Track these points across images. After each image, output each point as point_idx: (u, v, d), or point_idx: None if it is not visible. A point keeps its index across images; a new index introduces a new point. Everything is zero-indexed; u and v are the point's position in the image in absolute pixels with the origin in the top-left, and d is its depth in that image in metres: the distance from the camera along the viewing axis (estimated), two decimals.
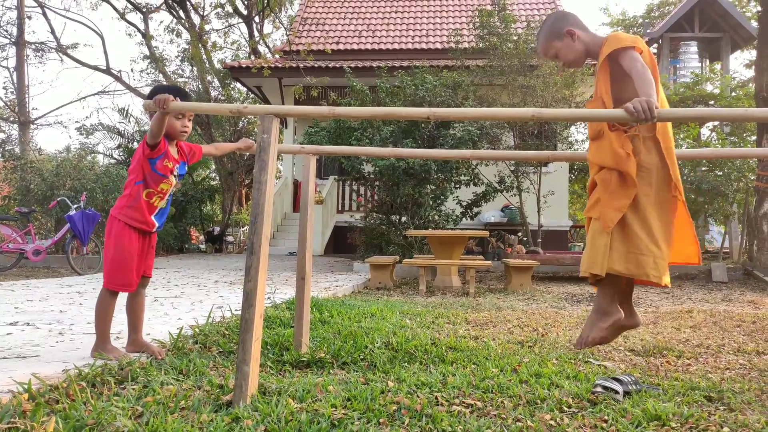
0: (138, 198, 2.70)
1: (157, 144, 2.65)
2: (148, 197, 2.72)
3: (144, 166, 2.69)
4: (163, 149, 2.70)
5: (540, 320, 4.32)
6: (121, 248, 2.67)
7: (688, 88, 13.38)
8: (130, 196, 2.71)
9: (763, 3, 7.89)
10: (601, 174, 2.32)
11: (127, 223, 2.69)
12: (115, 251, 2.67)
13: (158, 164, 2.70)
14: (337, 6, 15.86)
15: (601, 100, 2.32)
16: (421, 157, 3.42)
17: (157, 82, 21.33)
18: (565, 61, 2.49)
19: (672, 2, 20.30)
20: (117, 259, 2.67)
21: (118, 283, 2.68)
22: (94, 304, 4.21)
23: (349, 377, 2.46)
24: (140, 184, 2.70)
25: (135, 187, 2.70)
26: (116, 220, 2.70)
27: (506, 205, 11.65)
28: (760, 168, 7.86)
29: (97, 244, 8.57)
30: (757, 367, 2.86)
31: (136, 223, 2.70)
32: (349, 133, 8.95)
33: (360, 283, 6.87)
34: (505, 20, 10.29)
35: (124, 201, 2.72)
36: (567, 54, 2.46)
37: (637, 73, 2.14)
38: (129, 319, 2.80)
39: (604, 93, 2.31)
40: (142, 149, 2.68)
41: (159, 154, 2.69)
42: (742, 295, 6.39)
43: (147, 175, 2.70)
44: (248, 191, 19.97)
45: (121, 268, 2.67)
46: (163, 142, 2.70)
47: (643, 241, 2.20)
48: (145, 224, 2.72)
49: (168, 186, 2.78)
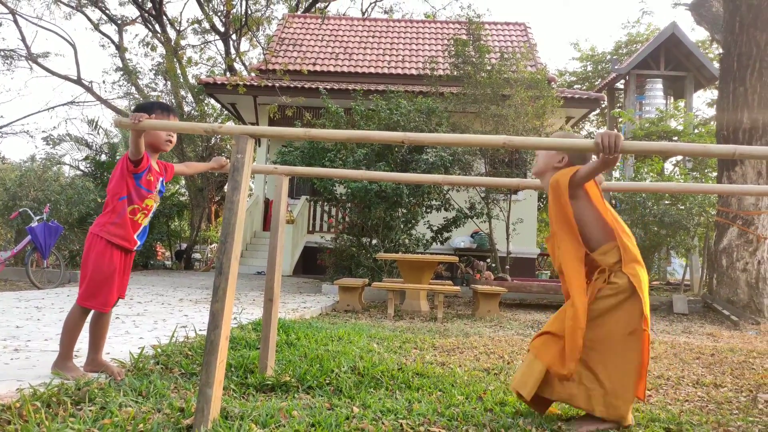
0: (123, 214, 2.64)
1: (140, 160, 2.61)
2: (133, 214, 2.67)
3: (128, 182, 2.64)
4: (147, 164, 2.67)
5: (506, 347, 4.35)
6: (102, 267, 2.60)
7: (653, 124, 13.84)
8: (114, 212, 2.65)
9: (725, 46, 8.25)
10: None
11: (110, 240, 2.62)
12: (95, 269, 2.60)
13: (143, 179, 2.66)
14: (314, 28, 15.99)
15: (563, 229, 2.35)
16: (394, 180, 3.44)
17: (129, 95, 21.07)
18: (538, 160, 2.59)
19: (639, 41, 21.06)
20: (97, 277, 2.59)
21: (97, 302, 2.60)
22: (52, 320, 4.09)
23: (314, 402, 2.43)
24: (124, 199, 2.65)
25: (119, 203, 2.64)
26: (98, 237, 2.63)
27: (476, 231, 11.76)
28: (720, 204, 8.13)
29: (57, 257, 8.33)
30: (715, 399, 2.93)
31: (119, 240, 2.63)
32: (323, 154, 8.96)
33: (328, 305, 6.82)
34: (480, 50, 10.51)
35: (107, 218, 2.65)
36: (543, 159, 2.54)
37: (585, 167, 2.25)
38: (91, 337, 2.72)
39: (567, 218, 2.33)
40: (124, 166, 2.64)
41: (143, 169, 2.65)
42: (702, 328, 6.54)
43: (132, 190, 2.65)
44: (218, 208, 19.73)
45: (101, 287, 2.60)
46: (147, 157, 2.67)
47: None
48: (128, 242, 2.66)
49: (152, 202, 2.74)
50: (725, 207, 7.93)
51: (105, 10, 19.56)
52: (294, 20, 16.39)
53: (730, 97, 7.89)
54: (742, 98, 7.76)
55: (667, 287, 11.65)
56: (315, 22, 16.31)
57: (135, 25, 20.32)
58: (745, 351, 4.62)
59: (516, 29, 16.00)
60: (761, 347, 4.94)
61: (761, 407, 2.80)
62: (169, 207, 13.78)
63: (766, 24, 7.70)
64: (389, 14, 23.47)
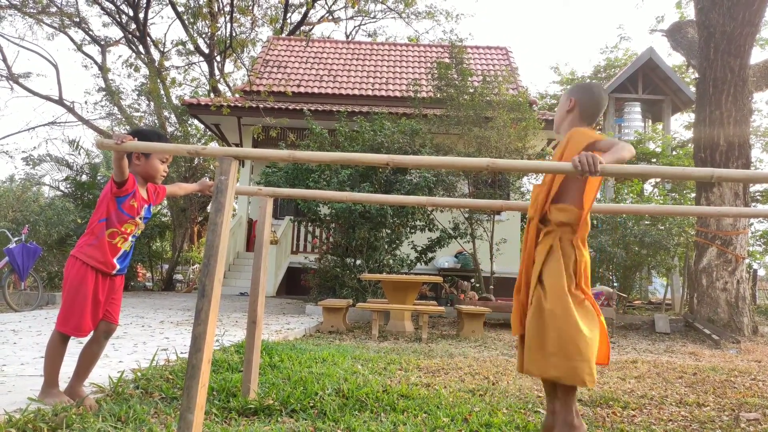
0: (100, 237, 2.60)
1: (125, 182, 2.58)
2: (111, 237, 2.63)
3: (110, 205, 2.61)
4: (132, 189, 2.64)
5: (491, 368, 4.34)
6: (76, 290, 2.55)
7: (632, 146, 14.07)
8: (92, 234, 2.62)
9: (700, 71, 8.47)
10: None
11: (86, 262, 2.57)
12: (69, 292, 2.55)
13: (125, 203, 2.63)
14: (299, 50, 16.12)
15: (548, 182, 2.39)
16: (378, 202, 3.45)
17: (111, 115, 20.96)
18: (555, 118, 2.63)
19: (618, 65, 21.54)
20: (71, 301, 2.54)
21: (69, 326, 2.54)
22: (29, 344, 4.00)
23: (297, 426, 2.39)
24: (103, 222, 2.61)
25: (98, 225, 2.61)
26: (75, 260, 2.60)
27: (460, 251, 11.79)
28: (699, 224, 8.26)
29: (36, 279, 8.17)
30: (698, 419, 2.95)
31: (95, 262, 2.59)
32: (307, 175, 8.96)
33: (312, 326, 6.76)
34: (462, 73, 10.67)
35: (86, 239, 2.62)
36: (558, 111, 2.61)
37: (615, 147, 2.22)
38: (79, 364, 2.63)
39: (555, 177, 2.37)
40: (109, 187, 2.62)
41: (127, 194, 2.62)
42: (684, 347, 6.60)
43: (112, 213, 2.62)
44: (200, 228, 19.55)
45: (73, 311, 2.53)
46: (132, 182, 2.64)
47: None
48: (104, 265, 2.61)
49: (133, 227, 2.69)
50: (704, 227, 8.06)
51: (88, 31, 19.57)
52: (279, 42, 16.50)
53: (707, 120, 8.08)
54: (718, 121, 7.95)
55: (648, 306, 11.75)
56: (299, 45, 16.44)
57: (118, 45, 20.34)
58: (727, 370, 4.67)
59: (498, 53, 16.28)
60: (742, 366, 4.99)
61: (743, 426, 2.82)
62: (151, 228, 13.63)
63: (739, 50, 7.93)
64: (373, 37, 23.76)
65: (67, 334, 2.57)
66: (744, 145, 7.94)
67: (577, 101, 2.50)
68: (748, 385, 4.03)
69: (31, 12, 18.14)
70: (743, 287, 7.75)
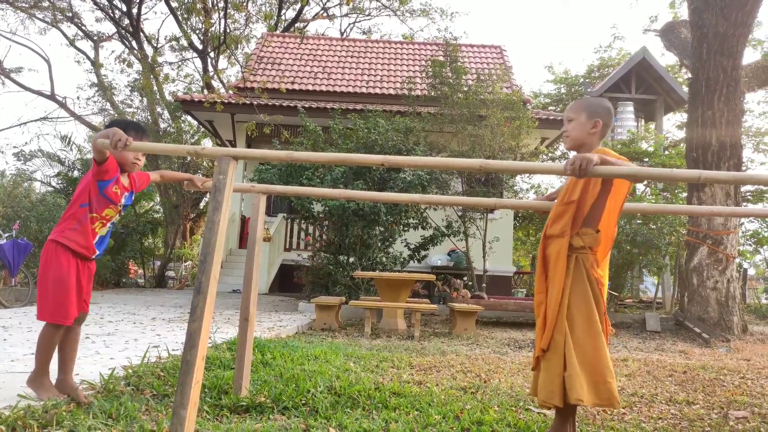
0: (83, 222, 2.60)
1: (105, 160, 2.55)
2: (91, 222, 2.63)
3: (91, 189, 2.61)
4: (114, 175, 2.64)
5: (483, 366, 4.35)
6: (60, 276, 2.54)
7: (624, 146, 14.14)
8: (74, 218, 2.61)
9: (693, 71, 8.51)
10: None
11: (68, 246, 2.57)
12: (53, 280, 2.53)
13: (108, 189, 2.62)
14: (293, 47, 16.07)
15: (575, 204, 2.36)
16: (372, 200, 3.45)
17: (104, 111, 20.83)
18: (569, 133, 2.53)
19: (611, 65, 21.61)
20: (55, 288, 2.53)
21: (55, 315, 2.53)
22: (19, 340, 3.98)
23: (289, 423, 2.39)
24: (86, 207, 2.61)
25: (80, 210, 2.61)
26: (55, 244, 2.58)
27: (453, 249, 11.82)
28: (690, 223, 8.32)
29: (26, 275, 8.12)
30: (688, 417, 2.97)
31: (78, 247, 2.58)
32: (300, 172, 8.94)
33: (304, 324, 6.76)
34: (457, 72, 10.67)
35: (66, 224, 2.61)
36: (576, 130, 2.50)
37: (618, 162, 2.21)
38: (60, 357, 2.64)
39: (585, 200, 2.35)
40: (91, 172, 2.61)
41: (110, 178, 2.62)
42: (674, 345, 6.64)
43: (93, 198, 2.62)
44: (193, 225, 19.49)
45: (57, 299, 2.52)
46: (115, 167, 2.64)
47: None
48: (86, 249, 2.61)
49: (113, 213, 2.70)
50: (695, 227, 8.11)
51: (81, 26, 19.44)
52: (273, 39, 16.45)
53: (699, 121, 8.12)
54: (711, 121, 8.00)
55: (639, 305, 11.81)
56: (294, 42, 16.39)
57: (111, 41, 20.22)
58: (716, 368, 4.70)
59: (492, 52, 16.29)
60: (731, 364, 5.03)
61: (732, 424, 2.85)
62: (143, 224, 13.58)
63: (732, 51, 7.97)
64: (367, 35, 23.73)
65: (57, 323, 2.55)
66: (736, 146, 7.99)
67: (602, 123, 2.47)
68: (737, 383, 4.06)
69: (23, 6, 17.99)
70: (733, 286, 7.81)
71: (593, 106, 2.51)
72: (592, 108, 2.50)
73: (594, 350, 2.23)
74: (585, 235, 2.35)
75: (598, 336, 2.25)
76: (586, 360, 2.22)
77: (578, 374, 2.19)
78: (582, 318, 2.28)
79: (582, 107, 2.52)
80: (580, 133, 2.48)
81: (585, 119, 2.48)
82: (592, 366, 2.21)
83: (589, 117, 2.47)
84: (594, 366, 2.21)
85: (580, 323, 2.27)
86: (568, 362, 2.22)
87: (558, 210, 2.43)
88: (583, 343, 2.24)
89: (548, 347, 2.29)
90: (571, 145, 2.53)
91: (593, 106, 2.50)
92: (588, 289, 2.31)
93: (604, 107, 2.52)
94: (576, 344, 2.25)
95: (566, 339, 2.26)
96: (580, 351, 2.23)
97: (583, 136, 2.48)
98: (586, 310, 2.28)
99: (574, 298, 2.31)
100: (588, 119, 2.47)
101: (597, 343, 2.24)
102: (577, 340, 2.25)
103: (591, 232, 2.35)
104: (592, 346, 2.24)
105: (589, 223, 2.36)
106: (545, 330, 2.32)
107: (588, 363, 2.22)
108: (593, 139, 2.47)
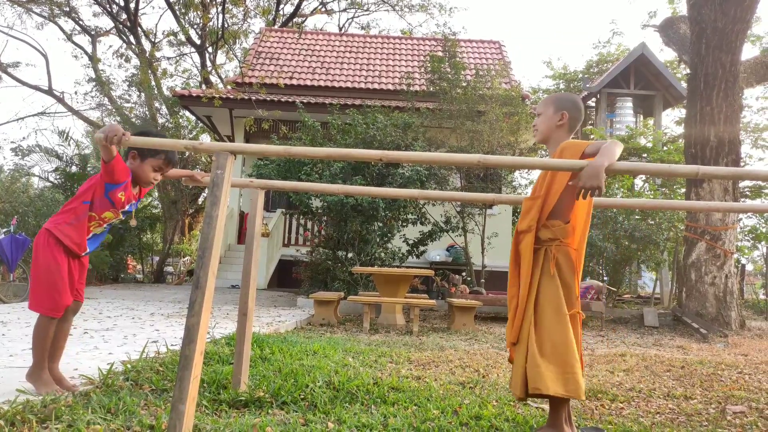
0: (81, 218, 2.60)
1: (112, 159, 2.53)
2: (89, 220, 2.64)
3: (97, 189, 2.61)
4: (124, 180, 2.63)
5: (481, 361, 4.36)
6: (52, 268, 2.54)
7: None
8: (74, 213, 2.61)
9: (692, 67, 8.51)
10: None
11: (61, 240, 2.57)
12: (46, 271, 2.54)
13: (114, 193, 2.62)
14: (291, 42, 16.02)
15: (541, 199, 2.38)
16: (370, 195, 3.45)
17: (102, 106, 20.76)
18: (538, 127, 2.60)
19: (610, 60, 21.58)
20: (47, 279, 2.53)
21: (46, 306, 2.53)
22: (18, 335, 3.98)
23: (288, 418, 2.40)
24: (87, 204, 2.62)
25: (82, 206, 2.61)
26: (49, 235, 2.57)
27: (451, 244, 11.82)
28: (688, 219, 8.33)
29: (24, 270, 8.10)
30: (685, 411, 2.98)
31: (70, 242, 2.58)
32: (299, 168, 8.93)
33: (303, 319, 6.76)
34: (455, 67, 10.65)
35: (65, 217, 2.61)
36: (544, 123, 2.57)
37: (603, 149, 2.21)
38: (52, 345, 2.65)
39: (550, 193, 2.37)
40: (100, 176, 2.61)
41: (118, 183, 2.61)
42: (672, 340, 6.66)
43: (97, 199, 2.62)
44: (191, 220, 19.47)
45: (51, 291, 2.53)
46: (126, 173, 2.64)
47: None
48: (78, 246, 2.61)
49: (112, 216, 2.70)
50: (693, 222, 8.12)
51: (78, 20, 19.34)
52: (271, 34, 16.39)
53: (698, 116, 8.12)
54: (709, 117, 8.00)
55: (637, 300, 11.84)
56: (292, 37, 16.34)
57: (109, 36, 20.12)
58: (714, 363, 4.72)
59: (491, 47, 16.26)
60: (729, 360, 5.05)
61: (730, 419, 2.86)
62: (142, 219, 13.57)
63: (730, 46, 7.97)
64: (366, 30, 23.67)
65: (49, 315, 2.56)
66: (734, 141, 7.99)
67: (568, 115, 2.53)
68: (734, 378, 4.08)
69: (21, 1, 17.90)
70: (731, 282, 7.83)
71: (560, 99, 2.58)
72: (559, 102, 2.57)
73: (562, 340, 2.24)
74: (553, 227, 2.38)
75: (566, 327, 2.26)
76: (555, 351, 2.23)
77: (539, 364, 2.20)
78: (551, 309, 2.29)
79: (550, 101, 2.59)
80: (548, 126, 2.56)
81: (552, 112, 2.55)
82: (560, 356, 2.22)
83: (556, 110, 2.54)
84: (562, 356, 2.22)
85: (549, 314, 2.29)
86: (530, 352, 2.24)
87: (526, 205, 2.47)
88: (551, 334, 2.25)
89: (517, 340, 2.33)
90: (540, 138, 2.61)
91: (560, 100, 2.58)
92: (557, 281, 2.32)
93: (570, 100, 2.58)
94: (544, 335, 2.26)
95: (530, 330, 2.28)
96: (548, 342, 2.24)
97: (551, 129, 2.55)
98: (555, 302, 2.29)
99: (543, 289, 2.33)
100: (555, 112, 2.54)
101: (565, 334, 2.24)
102: (543, 329, 2.27)
103: (559, 224, 2.38)
104: (561, 336, 2.24)
105: (557, 215, 2.39)
106: (515, 323, 2.36)
107: (556, 354, 2.22)
108: (561, 131, 2.53)
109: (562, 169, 2.24)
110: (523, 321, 2.33)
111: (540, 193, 2.40)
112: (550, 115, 2.55)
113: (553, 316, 2.28)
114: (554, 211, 2.39)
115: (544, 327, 2.27)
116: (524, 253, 2.40)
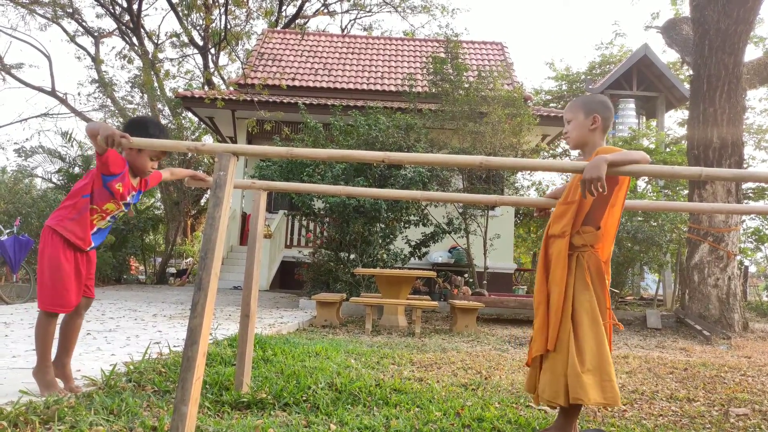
0: (83, 212, 2.60)
1: (105, 151, 2.52)
2: (91, 213, 2.63)
3: (95, 182, 2.61)
4: (120, 171, 2.63)
5: (484, 363, 4.35)
6: (57, 266, 2.53)
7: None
8: (75, 209, 2.60)
9: (694, 68, 8.49)
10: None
11: (64, 236, 2.56)
12: (51, 269, 2.53)
13: (111, 184, 2.62)
14: (294, 44, 16.04)
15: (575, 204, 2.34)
16: (373, 196, 3.45)
17: (105, 107, 20.81)
18: (570, 134, 2.51)
19: (612, 62, 21.56)
20: (53, 277, 2.53)
21: (54, 303, 2.53)
22: (21, 336, 3.99)
23: (290, 419, 2.40)
24: (87, 197, 2.61)
25: (82, 200, 2.60)
26: (52, 232, 2.57)
27: (454, 246, 11.82)
28: (691, 221, 8.31)
29: (27, 272, 8.13)
30: (688, 414, 2.97)
31: (74, 238, 2.58)
32: (301, 169, 8.94)
33: (305, 320, 6.76)
34: (457, 68, 10.65)
35: (66, 212, 2.60)
36: (576, 129, 2.48)
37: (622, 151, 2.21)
38: (61, 341, 2.65)
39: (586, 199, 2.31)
40: (97, 168, 2.61)
41: (114, 173, 2.61)
42: (675, 342, 6.65)
43: (96, 189, 2.61)
44: (194, 222, 19.49)
45: (56, 288, 2.52)
46: (123, 164, 2.64)
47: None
48: (82, 241, 2.61)
49: (113, 208, 2.69)
50: (696, 224, 8.10)
51: (81, 22, 19.39)
52: (273, 35, 16.42)
53: (700, 118, 8.11)
54: (712, 118, 7.99)
55: (640, 302, 11.82)
56: (294, 38, 16.36)
57: (112, 37, 20.18)
58: (717, 365, 4.71)
59: (493, 48, 16.26)
60: (732, 362, 5.03)
61: (733, 421, 2.85)
62: (144, 220, 13.59)
63: (733, 48, 7.95)
64: (368, 31, 23.68)
65: (54, 312, 2.56)
66: (737, 143, 7.98)
67: (600, 117, 2.45)
68: (737, 380, 4.07)
69: (24, 2, 17.96)
70: (734, 284, 7.81)
71: (589, 102, 2.50)
72: (588, 104, 2.48)
73: (598, 349, 2.24)
74: (585, 233, 2.35)
75: (601, 335, 2.26)
76: (592, 359, 2.22)
77: (581, 374, 2.19)
78: (587, 317, 2.28)
79: (578, 106, 2.50)
80: (581, 131, 2.47)
81: (583, 117, 2.46)
82: (598, 365, 2.22)
83: (586, 114, 2.46)
84: (599, 365, 2.22)
85: (584, 322, 2.27)
86: (570, 362, 2.22)
87: (559, 210, 2.43)
88: (588, 342, 2.24)
89: (555, 348, 2.29)
90: (573, 144, 2.52)
91: (589, 103, 2.49)
92: (590, 288, 2.31)
93: (599, 102, 2.50)
94: (581, 343, 2.25)
95: (570, 338, 2.26)
96: (586, 350, 2.24)
97: (584, 135, 2.46)
98: (590, 309, 2.28)
99: (578, 296, 2.31)
100: (586, 117, 2.46)
101: (601, 342, 2.25)
102: (582, 339, 2.26)
103: (591, 230, 2.35)
104: (597, 344, 2.24)
105: (590, 221, 2.36)
106: (549, 330, 2.32)
107: (594, 362, 2.22)
108: (595, 135, 2.45)
109: (565, 170, 2.24)
110: (560, 329, 2.29)
111: (574, 198, 2.35)
112: (581, 121, 2.46)
113: (590, 326, 2.26)
114: (588, 216, 2.36)
115: (581, 336, 2.26)
116: (557, 258, 2.37)
